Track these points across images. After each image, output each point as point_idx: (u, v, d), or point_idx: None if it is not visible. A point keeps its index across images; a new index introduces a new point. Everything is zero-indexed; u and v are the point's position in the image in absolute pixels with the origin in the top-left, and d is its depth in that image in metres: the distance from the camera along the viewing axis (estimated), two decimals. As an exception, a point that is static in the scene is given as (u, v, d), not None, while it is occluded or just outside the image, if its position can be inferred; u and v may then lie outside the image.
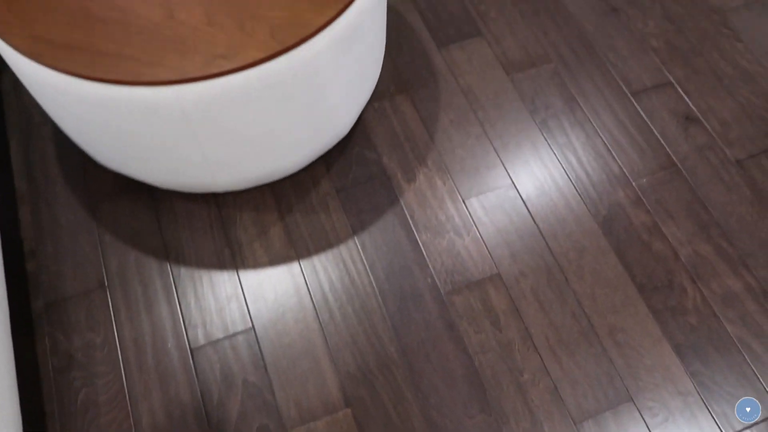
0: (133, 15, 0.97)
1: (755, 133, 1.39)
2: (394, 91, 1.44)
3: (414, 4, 1.57)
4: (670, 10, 1.57)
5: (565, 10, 1.57)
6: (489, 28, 1.54)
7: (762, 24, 1.55)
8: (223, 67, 0.92)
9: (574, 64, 1.49)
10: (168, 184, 1.20)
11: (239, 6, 0.98)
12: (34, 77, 0.97)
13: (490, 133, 1.39)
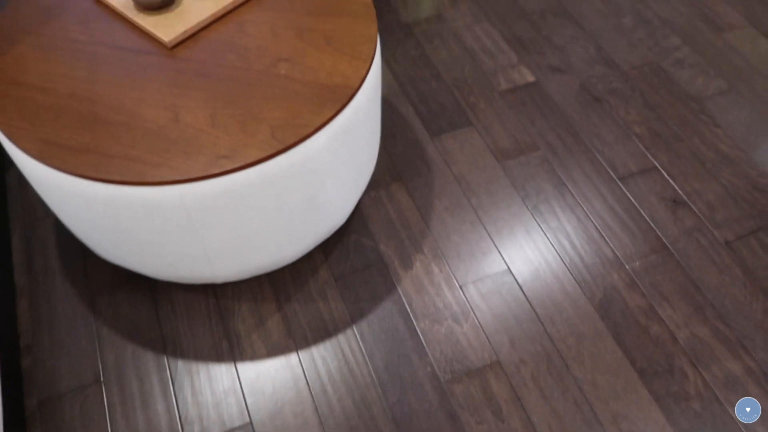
0: (139, 118, 1.02)
1: (741, 215, 1.43)
2: (390, 180, 1.49)
3: (406, 96, 1.65)
4: (650, 98, 1.65)
5: (550, 101, 1.65)
6: (479, 118, 1.61)
7: (737, 110, 1.63)
8: (225, 167, 0.96)
9: (561, 151, 1.54)
10: (167, 276, 1.21)
11: (242, 108, 1.03)
12: (41, 178, 1.01)
13: (484, 219, 1.43)
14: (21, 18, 1.17)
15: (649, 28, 1.82)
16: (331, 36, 1.13)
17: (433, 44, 1.78)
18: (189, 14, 1.15)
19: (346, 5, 1.19)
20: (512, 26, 1.83)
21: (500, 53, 1.76)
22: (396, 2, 1.88)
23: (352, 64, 1.09)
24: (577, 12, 1.87)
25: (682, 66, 1.73)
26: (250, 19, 1.16)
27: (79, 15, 1.17)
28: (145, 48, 1.11)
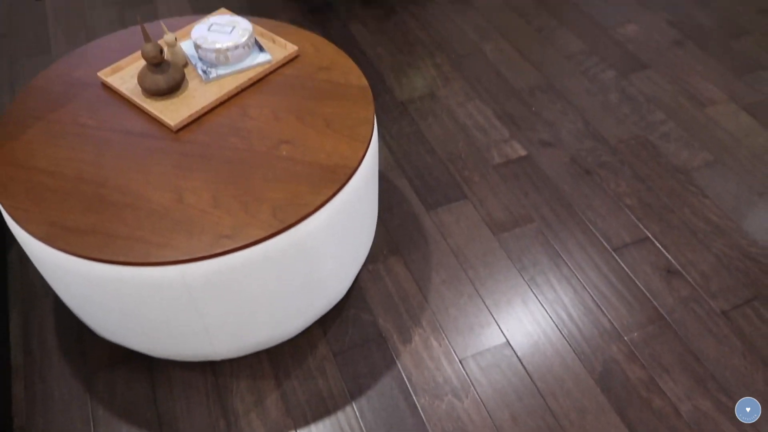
0: (145, 200, 1.05)
1: (735, 285, 1.45)
2: (387, 253, 1.51)
3: (402, 171, 1.70)
4: (639, 171, 1.70)
5: (542, 174, 1.69)
6: (474, 192, 1.65)
7: (724, 181, 1.68)
8: (227, 247, 0.98)
9: (555, 223, 1.58)
10: (166, 354, 1.21)
11: (244, 188, 1.06)
12: (46, 259, 1.02)
13: (481, 291, 1.44)
14: (32, 105, 1.22)
15: (634, 104, 1.90)
16: (330, 119, 1.19)
17: (428, 121, 1.84)
18: (194, 99, 1.21)
19: (344, 90, 1.25)
20: (503, 103, 1.90)
21: (492, 129, 1.82)
22: (391, 82, 1.97)
23: (350, 146, 1.13)
24: (565, 89, 1.95)
25: (668, 139, 1.79)
26: (252, 104, 1.22)
27: (89, 101, 1.22)
28: (151, 132, 1.16)
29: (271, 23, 1.42)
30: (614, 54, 2.09)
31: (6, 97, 1.90)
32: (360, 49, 2.09)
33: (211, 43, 1.23)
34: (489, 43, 2.13)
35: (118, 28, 2.16)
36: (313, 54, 1.34)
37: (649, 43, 2.14)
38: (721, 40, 2.15)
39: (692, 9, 2.30)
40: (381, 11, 2.26)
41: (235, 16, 1.31)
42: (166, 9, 2.25)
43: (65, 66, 1.30)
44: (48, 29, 2.15)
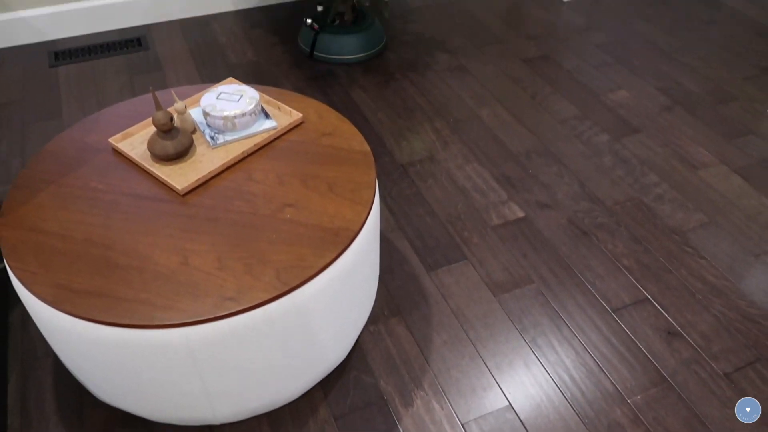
0: (151, 262, 1.07)
1: (736, 346, 1.45)
2: (388, 315, 1.51)
3: (403, 232, 1.73)
4: (635, 232, 1.73)
5: (540, 235, 1.72)
6: (473, 253, 1.67)
7: (719, 242, 1.70)
8: (231, 309, 0.99)
9: (554, 283, 1.59)
10: (165, 417, 1.20)
11: (248, 251, 1.09)
12: (50, 321, 1.03)
13: (483, 353, 1.43)
14: (44, 169, 1.26)
15: (628, 167, 1.95)
16: (333, 183, 1.22)
17: (427, 183, 1.89)
18: (201, 164, 1.25)
19: (347, 154, 1.29)
20: (500, 166, 1.95)
21: (491, 191, 1.86)
22: (392, 145, 2.03)
23: (353, 209, 1.16)
24: (560, 152, 2.01)
25: (662, 201, 1.83)
26: (258, 168, 1.26)
27: (100, 166, 1.26)
28: (159, 196, 1.19)
29: (276, 91, 1.48)
30: (607, 119, 2.16)
31: (17, 161, 1.95)
32: (361, 114, 2.17)
33: (219, 110, 1.29)
34: (486, 109, 2.20)
35: (128, 94, 2.24)
36: (316, 120, 1.39)
37: (639, 109, 2.21)
38: (709, 106, 2.23)
39: (680, 76, 2.39)
40: (381, 78, 2.35)
41: (242, 85, 1.37)
42: (174, 76, 2.33)
43: (78, 132, 1.35)
44: (60, 95, 2.23)
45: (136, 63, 2.41)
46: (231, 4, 2.76)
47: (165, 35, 2.59)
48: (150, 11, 2.64)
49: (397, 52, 2.51)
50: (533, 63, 2.46)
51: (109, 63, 2.41)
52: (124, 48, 2.49)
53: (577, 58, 2.50)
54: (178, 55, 2.46)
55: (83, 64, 2.40)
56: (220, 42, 2.55)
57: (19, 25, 2.46)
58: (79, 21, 2.54)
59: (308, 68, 2.40)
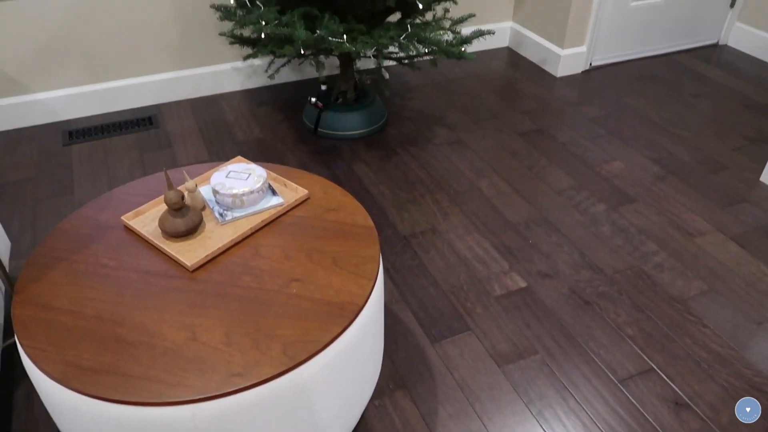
0: (159, 337, 1.08)
1: (745, 416, 1.43)
2: (393, 388, 1.51)
3: (407, 303, 1.74)
4: (637, 300, 1.75)
5: (543, 305, 1.74)
6: (477, 324, 1.68)
7: (721, 310, 1.71)
8: (238, 385, 1.00)
9: (559, 354, 1.59)
10: (167, 499, 1.17)
11: (255, 326, 1.11)
12: (58, 398, 1.04)
13: (489, 426, 1.42)
14: (57, 247, 1.29)
15: (626, 236, 1.99)
16: (338, 257, 1.26)
17: (430, 254, 1.92)
18: (210, 240, 1.29)
19: (351, 229, 1.33)
20: (501, 236, 1.99)
21: (492, 261, 1.89)
22: (394, 217, 2.08)
23: (357, 283, 1.19)
24: (559, 222, 2.05)
25: (662, 269, 1.86)
26: (264, 243, 1.30)
27: (111, 243, 1.30)
28: (169, 272, 1.22)
29: (283, 169, 1.54)
30: (602, 189, 2.22)
31: (27, 237, 1.99)
32: (364, 187, 2.23)
33: (228, 188, 1.34)
34: (485, 181, 2.27)
35: (138, 172, 2.31)
36: (321, 196, 1.44)
37: (634, 179, 2.28)
38: (701, 175, 2.30)
39: (672, 147, 2.47)
40: (383, 152, 2.43)
41: (251, 164, 1.43)
42: (183, 154, 2.42)
43: (92, 210, 1.40)
44: (72, 173, 2.30)
45: (147, 141, 2.50)
46: (239, 84, 2.90)
47: (175, 114, 2.70)
48: (161, 92, 2.76)
49: (398, 128, 2.60)
50: (529, 136, 2.55)
51: (120, 141, 2.50)
52: (136, 126, 2.60)
53: (571, 130, 2.59)
54: (187, 133, 2.55)
55: (96, 142, 2.49)
56: (228, 120, 2.66)
57: (35, 106, 2.57)
58: (93, 102, 2.66)
59: (313, 144, 2.49)
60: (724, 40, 3.43)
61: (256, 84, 2.93)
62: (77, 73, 2.58)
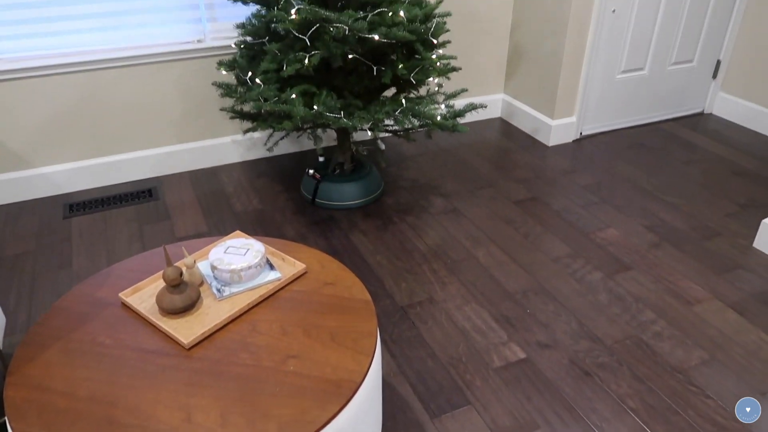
0: (153, 419, 1.07)
1: (755, 494, 1.39)
2: (392, 467, 1.46)
3: (404, 376, 1.72)
4: (637, 371, 1.73)
5: (543, 376, 1.72)
6: (477, 397, 1.65)
7: (722, 380, 1.69)
8: (233, 469, 0.98)
9: (561, 428, 1.56)
10: None
11: (252, 405, 1.09)
12: (47, 486, 1.01)
13: (492, 507, 1.37)
14: (54, 325, 1.29)
15: (623, 304, 1.99)
16: (335, 332, 1.25)
17: (428, 325, 1.91)
18: (207, 316, 1.29)
19: (348, 303, 1.34)
20: (498, 305, 1.99)
21: (490, 331, 1.88)
22: (391, 287, 2.08)
23: (355, 359, 1.18)
24: (556, 291, 2.06)
25: (661, 338, 1.85)
26: (262, 319, 1.30)
27: (108, 321, 1.30)
28: (165, 350, 1.21)
29: (281, 242, 1.56)
30: (598, 257, 2.24)
31: (23, 312, 1.99)
32: (361, 257, 2.24)
33: (227, 264, 1.35)
34: (481, 249, 2.29)
35: (137, 244, 2.33)
36: (319, 270, 1.45)
37: (629, 246, 2.30)
38: (695, 242, 2.32)
39: (664, 214, 2.51)
40: (380, 221, 2.46)
41: (249, 239, 1.45)
42: (182, 225, 2.45)
43: (90, 286, 1.40)
44: (72, 246, 2.32)
45: (146, 213, 2.53)
46: (238, 156, 2.96)
47: (175, 186, 2.74)
48: (162, 164, 2.82)
49: (394, 197, 2.65)
50: (524, 204, 2.59)
51: (120, 213, 2.53)
52: (136, 199, 2.63)
53: (565, 198, 2.64)
54: (186, 205, 2.59)
55: (95, 214, 2.52)
56: (227, 191, 2.70)
57: (38, 179, 2.62)
58: (94, 175, 2.71)
59: (310, 214, 2.52)
60: (709, 109, 3.55)
61: (255, 156, 3.00)
62: (81, 147, 2.65)
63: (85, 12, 2.44)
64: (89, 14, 2.45)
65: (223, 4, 2.64)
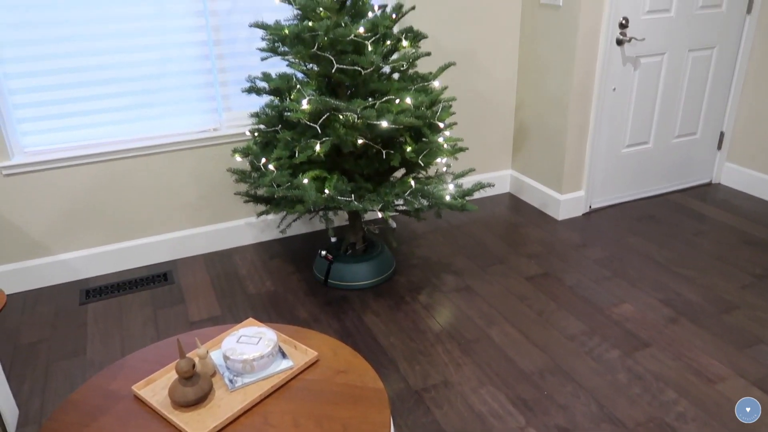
0: None
1: None
2: None
3: (421, 466, 1.67)
4: (663, 456, 1.66)
5: (565, 463, 1.65)
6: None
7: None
8: None
9: None
10: None
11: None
12: None
13: None
14: (66, 420, 1.29)
15: (644, 384, 1.94)
16: (348, 423, 1.24)
17: (443, 410, 1.87)
18: (219, 409, 1.28)
19: (361, 392, 1.32)
20: (515, 387, 1.95)
21: (508, 416, 1.84)
22: (405, 370, 2.05)
23: (368, 453, 1.16)
24: (573, 370, 2.02)
25: (685, 420, 1.79)
26: (274, 411, 1.28)
27: (120, 414, 1.29)
28: (176, 445, 1.20)
29: (292, 329, 1.56)
30: (614, 333, 2.21)
31: (36, 402, 1.98)
32: (374, 338, 2.23)
33: (239, 354, 1.36)
34: (495, 328, 2.27)
35: (151, 329, 2.34)
36: (331, 357, 1.45)
37: (645, 322, 2.27)
38: (713, 316, 2.29)
39: (679, 287, 2.49)
40: (392, 301, 2.46)
41: (262, 327, 1.46)
42: (196, 309, 2.46)
43: (103, 379, 1.41)
44: (86, 333, 2.33)
45: (161, 297, 2.56)
46: (252, 238, 3.02)
47: (189, 269, 2.78)
48: (177, 248, 2.87)
49: (406, 276, 2.66)
50: (536, 280, 2.59)
51: (135, 298, 2.56)
52: (151, 283, 2.67)
53: (577, 273, 2.63)
54: (200, 288, 2.62)
55: (111, 300, 2.55)
56: (240, 273, 2.73)
57: (56, 266, 2.67)
58: (110, 260, 2.76)
59: (323, 295, 2.53)
60: (717, 179, 3.58)
61: (268, 237, 3.05)
62: (98, 234, 2.71)
63: (106, 107, 2.57)
64: (110, 108, 2.58)
65: (238, 95, 2.77)
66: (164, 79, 2.62)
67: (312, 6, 2.11)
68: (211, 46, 2.64)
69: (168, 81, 2.63)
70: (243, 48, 2.71)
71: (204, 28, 2.60)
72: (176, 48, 2.59)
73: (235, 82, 2.74)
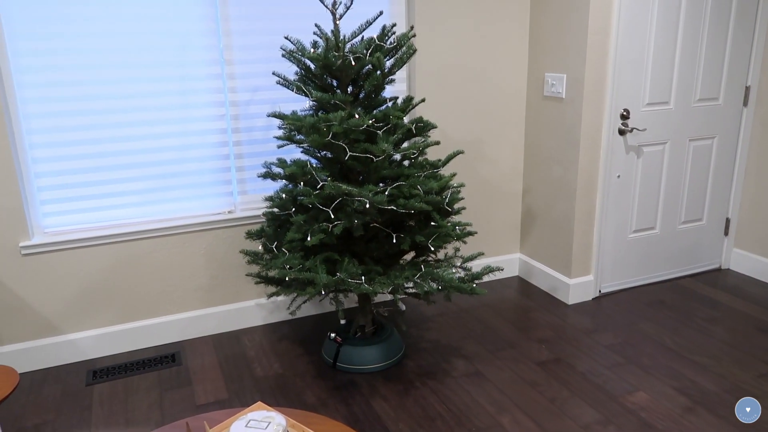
0: None
1: None
2: None
3: None
4: None
5: None
6: None
7: None
8: None
9: None
10: None
11: None
12: None
13: None
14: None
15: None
16: None
17: (454, 503, 1.80)
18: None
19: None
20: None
21: None
22: (414, 459, 1.99)
23: None
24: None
25: None
26: (281, 500, 1.25)
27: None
28: None
29: (302, 414, 1.55)
30: (630, 423, 2.15)
31: (35, 488, 1.93)
32: (383, 425, 2.18)
33: (247, 439, 1.34)
34: (506, 416, 2.21)
35: (157, 412, 2.30)
36: (340, 444, 1.42)
37: (661, 411, 2.21)
38: (730, 406, 2.23)
39: (694, 375, 2.44)
40: (401, 386, 2.43)
41: (271, 411, 1.45)
42: (202, 392, 2.43)
43: (108, 464, 1.39)
44: (91, 414, 2.30)
45: (168, 379, 2.54)
46: (261, 319, 3.02)
47: (198, 350, 2.77)
48: (186, 329, 2.88)
49: (415, 360, 2.63)
50: (547, 366, 2.55)
51: (142, 379, 2.54)
52: (159, 364, 2.65)
53: (589, 359, 2.59)
54: (208, 370, 2.60)
55: (118, 381, 2.53)
56: (248, 355, 2.71)
57: (65, 346, 2.67)
58: (119, 340, 2.76)
59: (331, 379, 2.50)
60: (726, 264, 3.58)
61: (277, 318, 3.05)
62: (109, 314, 2.73)
63: (126, 190, 2.67)
64: (131, 191, 2.68)
65: (253, 179, 2.87)
66: (184, 164, 2.73)
67: (327, 99, 2.24)
68: (230, 133, 2.78)
69: (187, 166, 2.74)
70: (259, 135, 2.84)
71: (224, 117, 2.74)
72: (197, 135, 2.72)
73: (250, 167, 2.85)
